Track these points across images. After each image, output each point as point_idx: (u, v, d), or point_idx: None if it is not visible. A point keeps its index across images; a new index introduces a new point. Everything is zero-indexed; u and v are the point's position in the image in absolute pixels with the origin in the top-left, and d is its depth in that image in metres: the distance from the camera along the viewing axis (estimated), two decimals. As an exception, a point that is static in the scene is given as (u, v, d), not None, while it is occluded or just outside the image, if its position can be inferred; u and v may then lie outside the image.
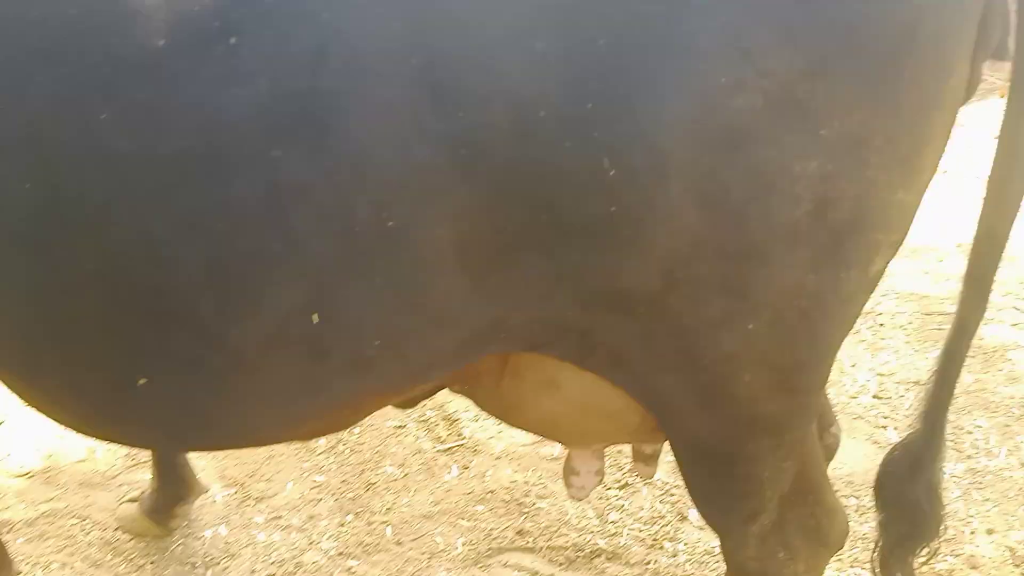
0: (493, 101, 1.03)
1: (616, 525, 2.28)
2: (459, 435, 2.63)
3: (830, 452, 1.73)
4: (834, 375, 2.72)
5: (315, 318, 1.16)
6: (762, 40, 1.01)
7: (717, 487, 1.38)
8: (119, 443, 1.52)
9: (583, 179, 1.06)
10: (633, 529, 2.25)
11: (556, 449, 2.50)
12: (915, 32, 1.03)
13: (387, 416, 2.71)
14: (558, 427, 1.51)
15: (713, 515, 1.43)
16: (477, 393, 1.50)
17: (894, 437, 2.48)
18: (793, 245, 1.10)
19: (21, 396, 1.38)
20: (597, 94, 1.03)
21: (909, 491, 1.46)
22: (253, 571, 2.19)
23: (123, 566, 2.21)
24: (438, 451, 2.59)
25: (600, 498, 2.33)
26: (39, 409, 1.39)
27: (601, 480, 1.63)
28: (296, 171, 1.06)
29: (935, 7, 1.04)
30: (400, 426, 2.68)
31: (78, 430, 1.43)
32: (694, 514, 2.25)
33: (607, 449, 1.68)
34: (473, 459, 2.53)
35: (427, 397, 1.60)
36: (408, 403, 1.61)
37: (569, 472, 1.63)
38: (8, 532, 2.27)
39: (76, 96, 1.06)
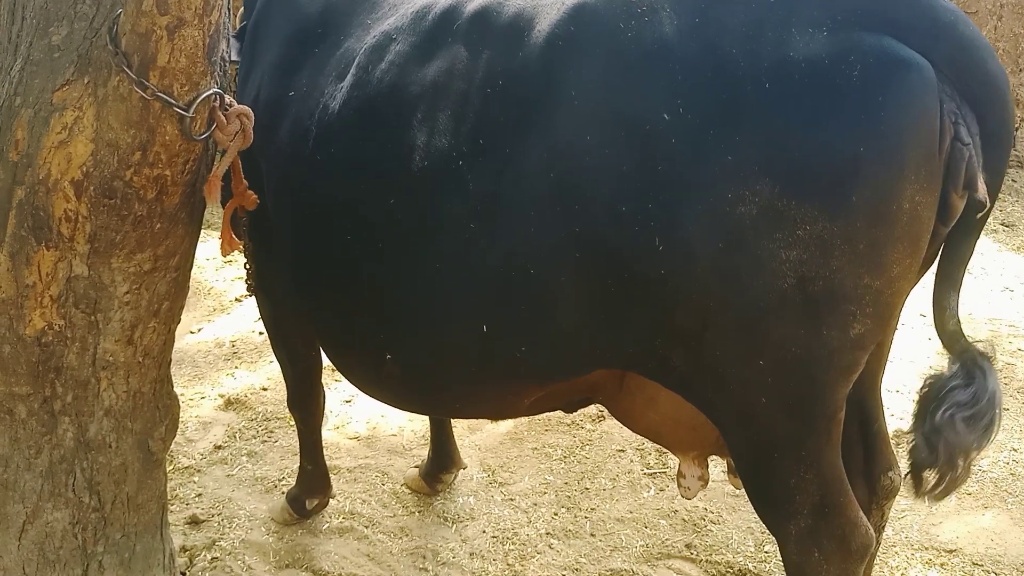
0: (596, 202, 1.66)
1: (768, 554, 2.67)
2: (664, 464, 3.17)
3: (887, 493, 2.02)
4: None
5: (484, 327, 1.86)
6: (751, 171, 1.52)
7: (758, 492, 1.81)
8: (380, 400, 2.32)
9: (645, 252, 1.63)
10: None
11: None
12: (858, 167, 1.46)
13: (613, 440, 3.33)
14: (659, 434, 2.05)
15: (760, 514, 1.84)
16: (607, 403, 2.09)
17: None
18: (783, 306, 1.57)
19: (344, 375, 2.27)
20: (654, 200, 1.60)
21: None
22: (484, 532, 2.92)
23: (400, 509, 3.06)
24: (644, 473, 3.14)
25: (763, 531, 2.72)
26: (352, 381, 2.27)
27: (705, 485, 2.12)
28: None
29: (875, 147, 1.45)
30: (620, 450, 3.29)
31: (365, 392, 2.29)
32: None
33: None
34: (670, 484, 3.05)
35: (584, 405, 2.21)
36: (569, 407, 2.24)
37: (679, 476, 2.14)
38: (335, 473, 3.24)
39: None
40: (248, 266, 2.38)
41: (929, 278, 1.77)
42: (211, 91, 1.70)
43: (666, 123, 1.56)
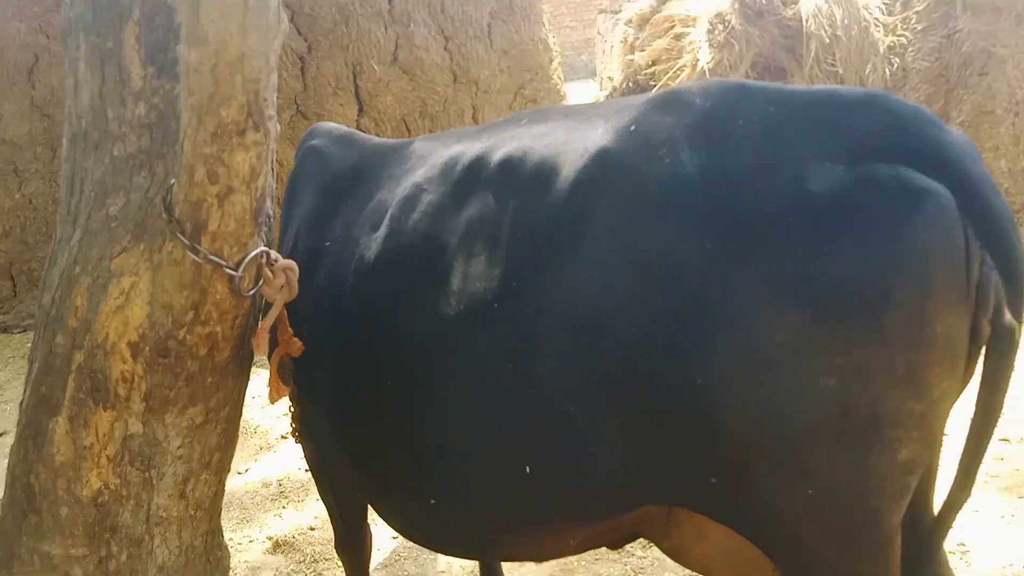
0: (631, 339, 1.69)
1: None
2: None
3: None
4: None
5: (528, 469, 1.86)
6: (784, 301, 1.54)
7: (816, 625, 1.76)
8: (423, 545, 2.31)
9: (682, 386, 1.64)
10: None
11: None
12: (888, 293, 1.48)
13: (666, 567, 3.24)
14: (711, 569, 2.00)
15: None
16: (655, 539, 2.05)
17: None
18: (827, 434, 1.56)
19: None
20: (687, 335, 1.61)
21: None
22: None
23: (452, 652, 3.00)
24: (698, 604, 3.04)
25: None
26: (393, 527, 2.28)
27: (760, 620, 2.04)
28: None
29: (903, 273, 1.47)
30: (674, 579, 3.19)
31: (407, 537, 2.28)
32: None
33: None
34: (727, 615, 2.94)
35: (630, 540, 2.17)
36: (615, 544, 2.20)
37: (734, 611, 2.07)
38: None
39: None
40: (292, 408, 2.42)
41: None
42: (259, 250, 1.79)
43: (693, 259, 1.60)
